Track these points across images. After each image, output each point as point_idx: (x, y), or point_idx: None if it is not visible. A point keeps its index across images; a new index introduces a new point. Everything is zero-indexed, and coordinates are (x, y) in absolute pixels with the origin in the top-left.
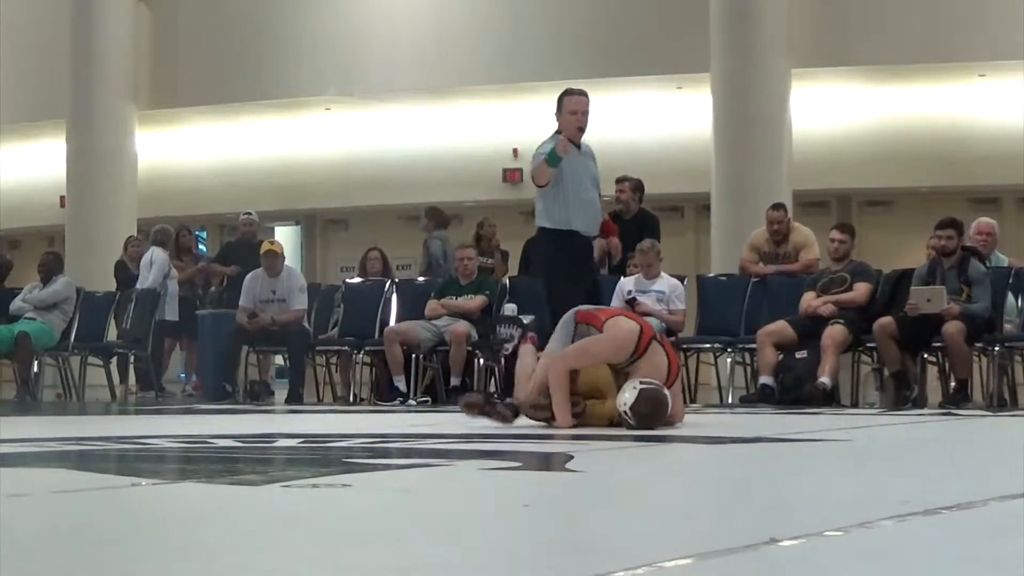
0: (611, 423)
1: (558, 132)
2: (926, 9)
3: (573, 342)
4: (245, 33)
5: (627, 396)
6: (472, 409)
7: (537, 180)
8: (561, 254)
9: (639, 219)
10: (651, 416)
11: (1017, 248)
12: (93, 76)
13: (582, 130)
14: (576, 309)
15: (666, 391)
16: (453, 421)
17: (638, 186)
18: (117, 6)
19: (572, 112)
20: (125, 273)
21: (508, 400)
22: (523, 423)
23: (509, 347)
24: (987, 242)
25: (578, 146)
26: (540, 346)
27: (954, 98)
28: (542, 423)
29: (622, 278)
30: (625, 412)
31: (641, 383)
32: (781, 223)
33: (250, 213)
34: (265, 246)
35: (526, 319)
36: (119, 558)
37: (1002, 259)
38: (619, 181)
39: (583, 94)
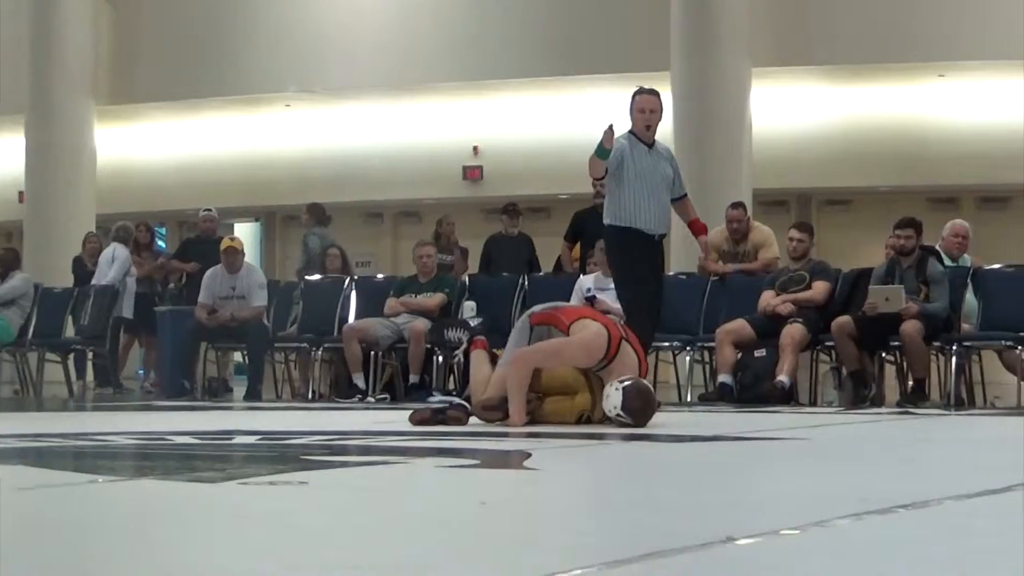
0: (580, 420)
1: (631, 132)
2: (885, 9)
3: (529, 343)
4: (205, 29)
5: (614, 399)
6: (422, 424)
7: (590, 172)
8: (622, 253)
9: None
10: (644, 409)
11: (975, 248)
12: (52, 71)
13: (650, 128)
14: (530, 311)
15: (646, 381)
16: None
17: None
18: (77, 2)
19: (640, 111)
20: (82, 269)
21: (458, 401)
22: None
23: (458, 353)
24: (962, 244)
25: (648, 145)
26: (496, 349)
27: (913, 98)
28: (495, 423)
29: (581, 276)
30: (618, 415)
31: (621, 382)
32: (741, 222)
33: (210, 210)
34: (225, 243)
35: (473, 322)
36: (76, 555)
37: (965, 258)
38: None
39: (653, 93)
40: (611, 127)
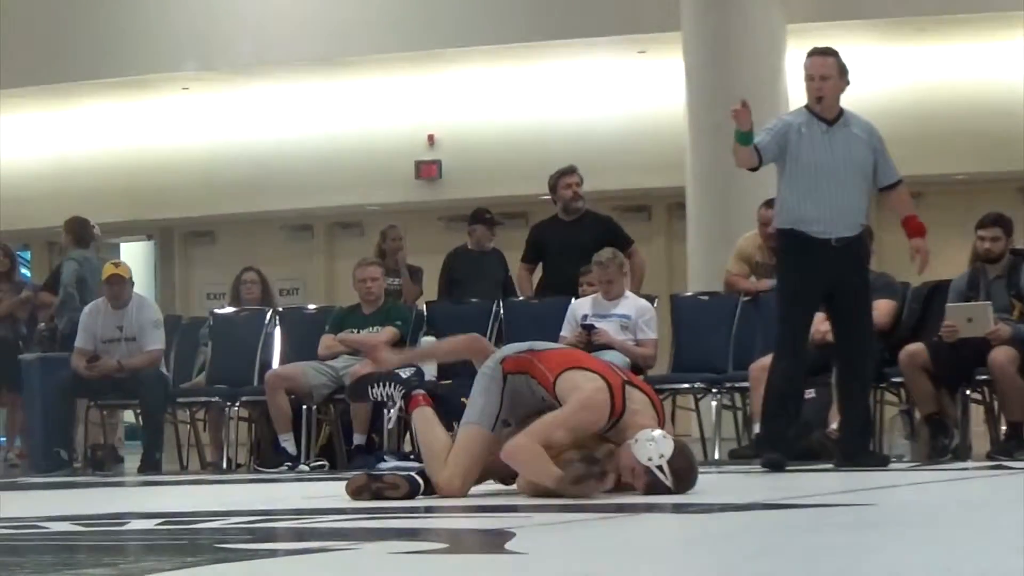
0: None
1: (806, 106)
2: None
3: (504, 398)
4: None
5: (657, 445)
6: (359, 494)
7: (738, 164)
8: (786, 262)
9: (588, 223)
10: (689, 473)
11: None
12: None
13: (822, 100)
14: (502, 355)
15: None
16: None
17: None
18: None
19: (809, 78)
20: None
21: (414, 469)
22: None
23: (392, 414)
24: None
25: (827, 121)
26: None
27: (994, 59)
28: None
29: (574, 300)
30: (660, 467)
31: (658, 431)
32: None
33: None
34: (107, 269)
35: (405, 373)
36: None
37: None
38: (571, 172)
39: (826, 53)
40: (744, 102)
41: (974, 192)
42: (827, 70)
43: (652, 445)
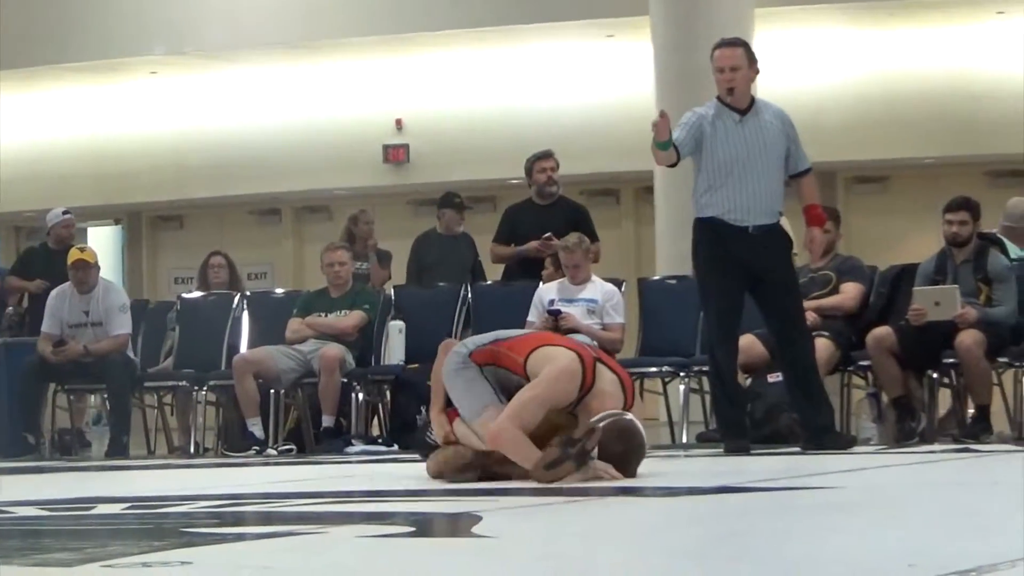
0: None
1: (717, 97)
2: None
3: (490, 383)
4: None
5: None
6: (463, 471)
7: (657, 163)
8: (697, 254)
9: (561, 208)
10: (627, 454)
11: None
12: None
13: (734, 91)
14: (467, 350)
15: (630, 417)
16: (326, 475)
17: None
18: None
19: (718, 70)
20: None
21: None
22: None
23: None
24: None
25: (739, 111)
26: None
27: (965, 43)
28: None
29: (541, 285)
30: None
31: (598, 420)
32: None
33: (68, 212)
34: (73, 254)
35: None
36: None
37: None
38: (547, 157)
39: (733, 44)
40: (663, 114)
41: (942, 176)
42: (736, 61)
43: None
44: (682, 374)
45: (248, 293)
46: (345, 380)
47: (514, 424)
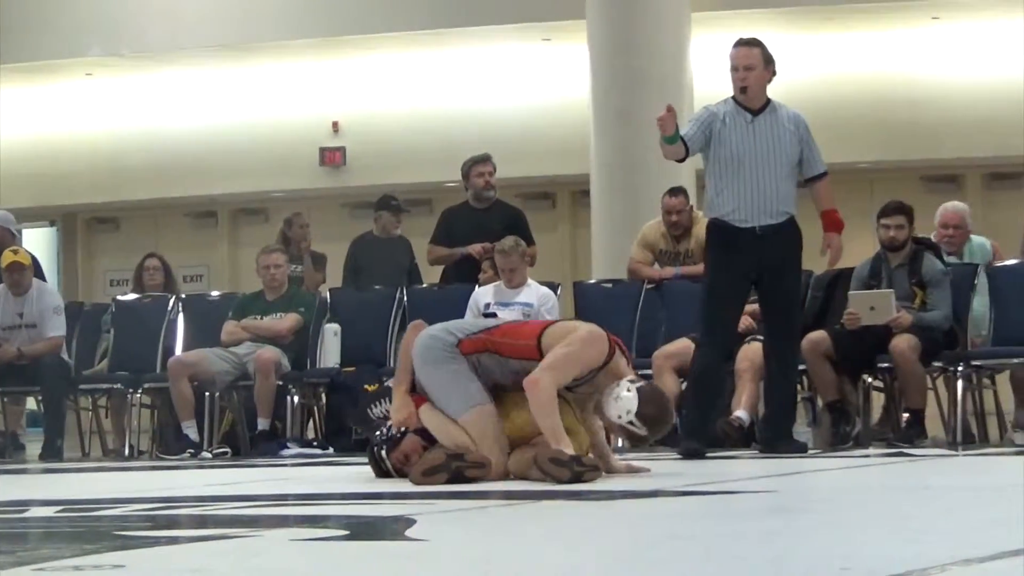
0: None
1: (732, 96)
2: None
3: (477, 373)
4: None
5: (625, 400)
6: (431, 475)
7: (666, 157)
8: (712, 254)
9: (498, 212)
10: (661, 418)
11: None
12: None
13: (746, 91)
14: (455, 340)
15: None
16: (261, 477)
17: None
18: None
19: (733, 69)
20: None
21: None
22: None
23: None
24: (955, 237)
25: (752, 111)
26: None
27: (900, 48)
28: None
29: (477, 288)
30: (631, 422)
31: (632, 382)
32: (681, 212)
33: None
34: (6, 256)
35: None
36: None
37: (984, 245)
38: (485, 161)
39: (750, 44)
40: (669, 108)
41: (877, 180)
42: (751, 60)
43: (618, 403)
44: None
45: (183, 295)
46: (280, 383)
47: (553, 377)
